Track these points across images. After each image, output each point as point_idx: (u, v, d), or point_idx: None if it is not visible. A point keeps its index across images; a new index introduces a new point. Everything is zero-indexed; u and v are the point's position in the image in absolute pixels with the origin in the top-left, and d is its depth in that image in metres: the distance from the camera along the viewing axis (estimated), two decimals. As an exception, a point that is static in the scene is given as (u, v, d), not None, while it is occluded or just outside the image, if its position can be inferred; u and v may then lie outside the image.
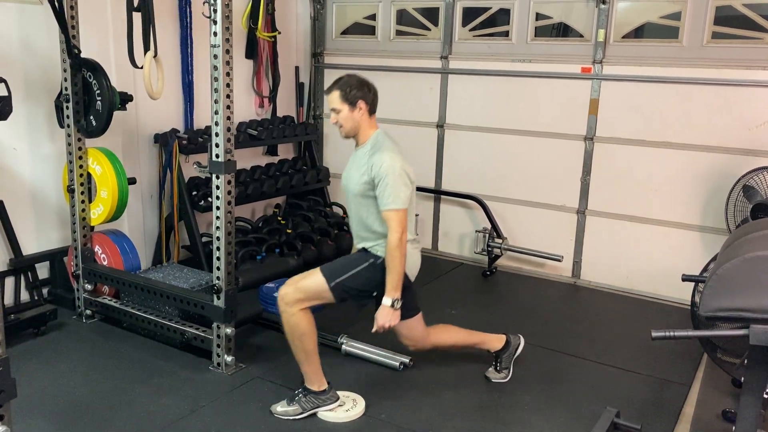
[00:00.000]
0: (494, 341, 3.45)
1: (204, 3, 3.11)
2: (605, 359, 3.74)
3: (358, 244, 3.15)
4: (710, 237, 4.47)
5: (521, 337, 3.53)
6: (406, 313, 3.05)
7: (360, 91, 2.99)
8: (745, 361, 2.36)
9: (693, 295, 3.49)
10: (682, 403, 3.29)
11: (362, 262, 3.02)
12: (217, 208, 3.31)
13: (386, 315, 2.92)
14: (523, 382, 3.44)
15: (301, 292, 2.94)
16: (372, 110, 3.06)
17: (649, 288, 4.74)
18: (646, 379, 3.52)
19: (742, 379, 2.41)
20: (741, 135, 4.31)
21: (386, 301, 2.92)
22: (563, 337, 4.03)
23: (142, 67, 3.56)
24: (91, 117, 3.78)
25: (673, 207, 4.61)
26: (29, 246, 4.13)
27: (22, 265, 4.08)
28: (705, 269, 3.44)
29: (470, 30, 5.29)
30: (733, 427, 2.40)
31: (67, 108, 3.79)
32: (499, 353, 3.44)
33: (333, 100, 3.01)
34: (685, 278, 3.28)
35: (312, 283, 2.97)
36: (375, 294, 3.07)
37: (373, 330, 2.96)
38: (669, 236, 4.65)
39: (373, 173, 2.91)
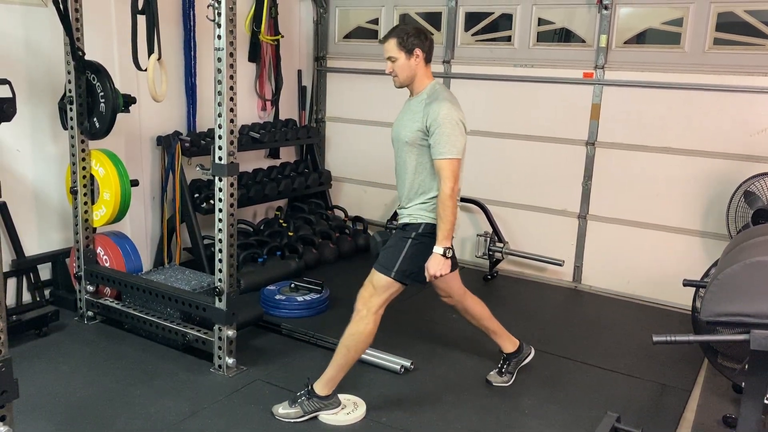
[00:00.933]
0: (509, 340, 3.47)
1: (208, 6, 3.13)
2: (606, 364, 3.74)
3: (400, 209, 3.09)
4: (711, 242, 4.47)
5: (533, 349, 3.56)
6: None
7: (417, 39, 2.93)
8: (746, 367, 2.37)
9: (694, 300, 3.50)
10: (683, 409, 3.29)
11: (404, 243, 2.98)
12: (220, 210, 3.32)
13: (438, 263, 2.87)
14: (524, 386, 3.44)
15: (379, 294, 2.95)
16: (428, 59, 2.99)
17: (650, 293, 4.74)
18: (647, 384, 3.52)
19: (743, 384, 2.41)
20: (742, 141, 4.32)
21: (438, 249, 2.87)
22: (564, 341, 4.03)
23: (146, 70, 3.57)
24: (95, 119, 3.79)
25: (674, 212, 4.62)
26: (31, 247, 4.14)
27: (24, 266, 4.08)
28: (706, 274, 3.45)
29: (473, 35, 5.31)
30: (734, 433, 2.41)
31: (71, 110, 3.80)
32: (510, 356, 3.46)
33: (389, 48, 2.95)
34: (686, 283, 3.29)
35: (379, 282, 2.96)
36: None
37: (427, 279, 2.93)
38: (670, 241, 4.65)
39: (429, 121, 2.86)
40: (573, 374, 3.62)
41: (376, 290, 2.97)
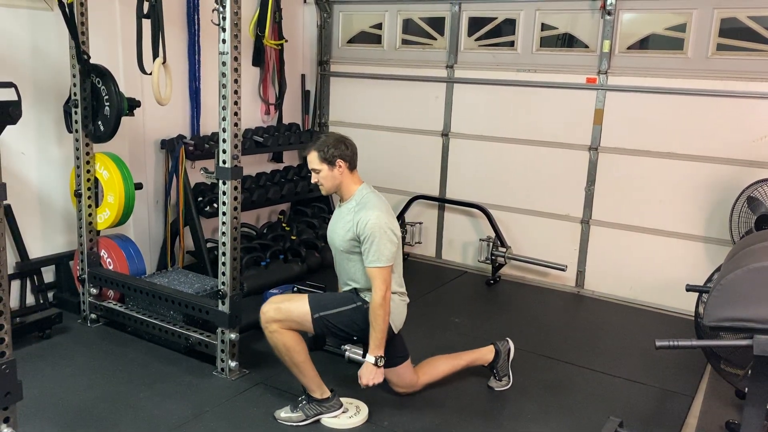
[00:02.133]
0: (485, 354, 3.45)
1: (213, 11, 3.14)
2: (608, 369, 3.74)
3: (344, 288, 3.16)
4: (714, 248, 4.47)
5: (509, 340, 3.51)
6: (394, 360, 3.08)
7: (337, 150, 2.97)
8: (749, 372, 2.37)
9: (697, 306, 3.49)
10: (686, 414, 3.29)
11: (350, 303, 3.04)
12: (223, 213, 3.33)
13: (370, 373, 2.94)
14: (526, 390, 3.44)
15: (283, 314, 2.95)
16: (352, 166, 3.04)
17: (652, 298, 4.74)
18: (650, 390, 3.52)
19: (746, 390, 2.41)
20: (745, 146, 4.32)
21: (369, 358, 2.95)
22: (566, 346, 4.03)
23: (150, 74, 3.59)
24: (99, 122, 3.81)
25: (677, 217, 4.61)
26: (35, 250, 4.16)
27: (28, 268, 4.10)
28: (709, 280, 3.45)
29: (476, 40, 5.32)
30: (737, 438, 2.40)
31: (76, 113, 3.82)
32: (493, 364, 3.45)
33: (312, 160, 3.01)
34: (689, 288, 3.29)
35: (296, 308, 2.98)
36: (355, 338, 3.11)
37: (362, 386, 2.97)
38: (673, 247, 4.65)
39: (359, 230, 2.92)
40: (575, 379, 3.62)
41: (284, 312, 2.94)
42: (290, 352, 2.95)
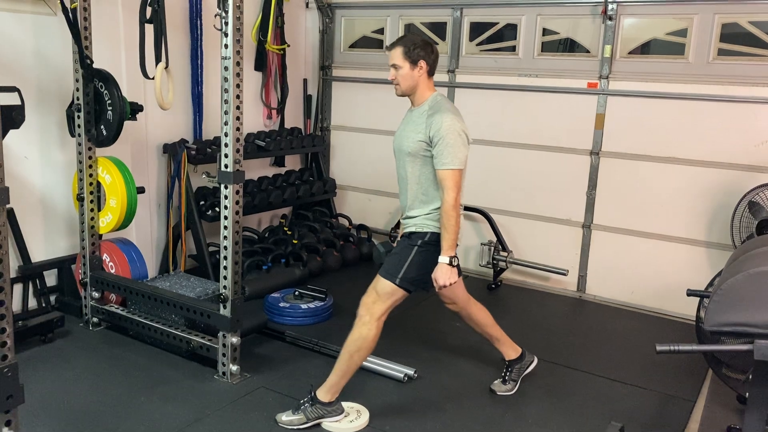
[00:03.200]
0: (511, 347, 3.48)
1: (215, 16, 3.16)
2: (610, 374, 3.73)
3: (404, 219, 3.11)
4: (716, 252, 4.47)
5: (536, 357, 3.56)
6: None
7: (423, 51, 2.96)
8: (750, 377, 2.36)
9: (698, 310, 3.49)
10: (687, 419, 3.28)
11: (410, 250, 3.01)
12: (225, 217, 3.33)
13: (445, 273, 2.92)
14: (528, 395, 3.44)
15: (382, 301, 2.96)
16: (431, 72, 3.02)
17: (654, 303, 4.74)
18: (651, 395, 3.51)
19: (747, 395, 2.41)
20: (746, 151, 4.32)
21: (443, 259, 2.91)
22: (568, 351, 4.03)
23: (153, 78, 3.60)
24: (102, 126, 3.83)
25: (678, 222, 4.62)
26: (38, 253, 4.17)
27: (30, 272, 4.11)
28: (710, 284, 3.45)
29: (477, 44, 5.34)
30: (738, 443, 2.40)
31: (79, 117, 3.83)
32: (512, 363, 3.46)
33: (395, 56, 2.98)
34: (690, 293, 3.29)
35: (383, 289, 2.98)
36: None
37: (436, 289, 2.98)
38: (674, 251, 4.65)
39: (432, 132, 2.88)
40: (577, 384, 3.62)
41: (380, 297, 2.98)
42: (360, 352, 2.97)
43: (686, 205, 4.58)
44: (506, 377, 3.46)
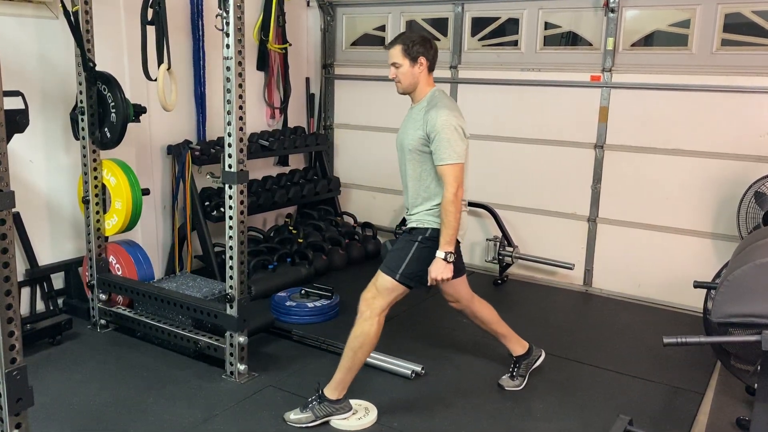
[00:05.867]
0: (518, 343, 3.47)
1: (217, 16, 3.16)
2: (617, 367, 3.73)
3: (408, 216, 3.12)
4: (722, 244, 4.45)
5: (543, 351, 3.55)
6: (454, 273, 3.02)
7: (422, 47, 2.98)
8: (759, 368, 2.36)
9: (705, 302, 3.48)
10: (696, 411, 3.27)
11: (411, 246, 3.01)
12: (230, 217, 3.34)
13: (439, 267, 2.92)
14: (535, 390, 3.44)
15: (383, 296, 2.97)
16: (431, 68, 3.04)
17: (661, 296, 4.72)
18: (659, 387, 3.51)
19: (756, 386, 2.40)
20: (752, 142, 4.30)
21: (439, 254, 2.91)
22: (575, 345, 4.02)
23: (156, 80, 3.61)
24: (106, 129, 3.84)
25: (684, 214, 4.60)
26: (45, 256, 4.19)
27: (37, 275, 4.13)
28: (717, 276, 3.44)
29: (479, 40, 5.32)
30: (747, 435, 2.39)
31: (82, 120, 3.84)
32: (520, 358, 3.46)
33: (394, 54, 3.00)
34: (697, 285, 3.28)
35: (383, 284, 2.99)
36: None
37: (428, 283, 2.98)
38: (681, 244, 4.63)
39: (429, 128, 2.89)
40: (585, 378, 3.61)
41: (380, 292, 2.99)
42: (363, 348, 2.97)
43: (692, 196, 4.56)
44: (514, 373, 3.45)
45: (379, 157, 5.79)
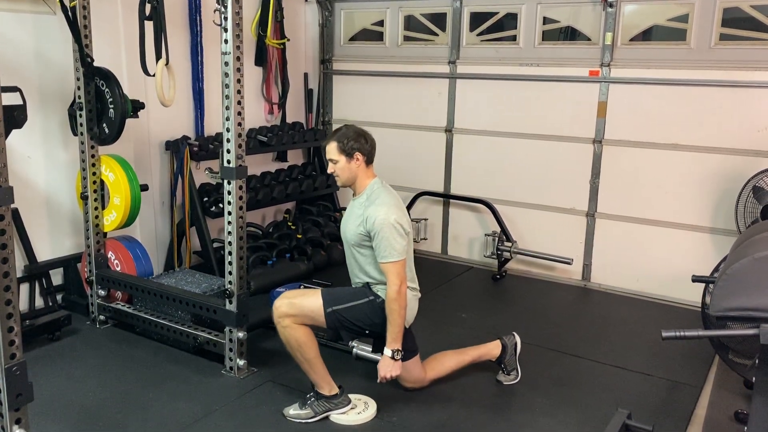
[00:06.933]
0: (491, 349, 3.47)
1: (215, 11, 3.15)
2: (616, 361, 3.74)
3: (355, 282, 3.18)
4: (721, 239, 4.46)
5: (515, 334, 3.53)
6: (404, 355, 3.06)
7: (357, 143, 3.03)
8: (757, 362, 2.36)
9: (703, 296, 3.48)
10: (694, 405, 3.29)
11: (363, 297, 3.06)
12: (229, 213, 3.34)
13: (387, 366, 2.97)
14: (534, 384, 3.45)
15: (296, 308, 2.97)
16: (369, 161, 3.11)
17: (659, 290, 4.73)
18: (658, 381, 3.52)
19: (754, 380, 2.40)
20: (750, 136, 4.30)
21: (387, 352, 2.97)
22: (574, 339, 4.03)
23: (154, 75, 3.60)
24: (104, 125, 3.83)
25: (682, 209, 4.60)
26: (43, 252, 4.19)
27: (36, 271, 4.12)
28: (715, 270, 3.44)
29: (478, 35, 5.32)
30: (745, 429, 2.40)
31: (81, 116, 3.84)
32: (501, 358, 3.46)
33: (330, 150, 3.06)
34: (695, 279, 3.28)
35: (309, 303, 3.00)
36: (367, 332, 3.12)
37: (378, 380, 3.00)
38: (679, 238, 4.64)
39: (368, 226, 2.96)
40: (583, 372, 3.62)
41: (302, 310, 2.97)
42: (302, 348, 2.98)
43: (690, 191, 4.56)
44: (505, 370, 3.47)
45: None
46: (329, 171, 3.13)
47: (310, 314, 2.99)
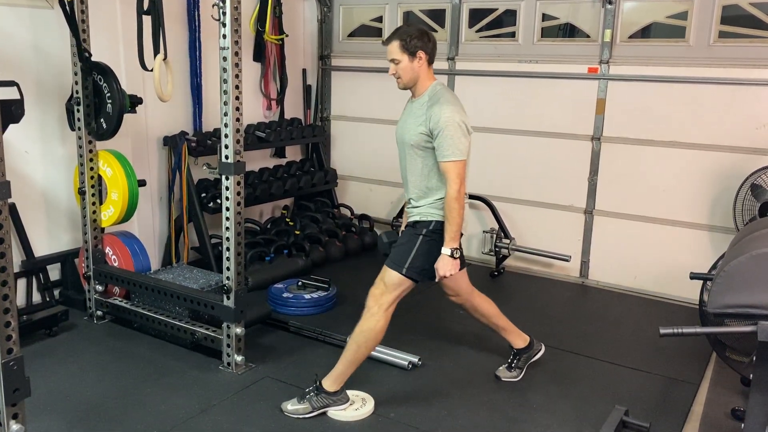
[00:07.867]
0: (519, 336, 3.47)
1: (213, 6, 3.14)
2: (614, 358, 3.74)
3: (409, 208, 3.12)
4: (718, 236, 4.46)
5: (544, 345, 3.56)
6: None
7: (420, 41, 2.93)
8: (754, 359, 2.36)
9: (701, 293, 3.49)
10: (691, 402, 3.29)
11: (415, 240, 3.01)
12: (227, 208, 3.33)
13: (446, 264, 2.92)
14: (532, 381, 3.45)
15: (390, 291, 2.97)
16: (431, 61, 3.00)
17: (657, 288, 4.74)
18: (655, 378, 3.52)
19: (751, 377, 2.41)
20: (748, 134, 4.31)
21: (445, 251, 2.92)
22: (572, 336, 4.03)
23: (152, 70, 3.59)
24: (102, 120, 3.82)
25: (680, 206, 4.61)
26: (41, 248, 4.18)
27: (33, 266, 4.12)
28: (713, 267, 3.44)
29: (477, 31, 5.31)
30: (742, 425, 2.40)
31: (78, 111, 3.83)
32: (520, 351, 3.47)
33: (392, 50, 2.96)
34: (693, 276, 3.28)
35: (391, 280, 2.99)
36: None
37: (436, 279, 2.98)
38: (677, 235, 4.64)
39: (432, 124, 2.87)
40: (581, 369, 3.63)
41: (388, 288, 2.98)
42: (368, 343, 2.99)
43: (688, 188, 4.57)
44: (513, 364, 3.46)
45: (376, 148, 5.79)
46: (390, 72, 3.00)
47: (399, 286, 2.98)
